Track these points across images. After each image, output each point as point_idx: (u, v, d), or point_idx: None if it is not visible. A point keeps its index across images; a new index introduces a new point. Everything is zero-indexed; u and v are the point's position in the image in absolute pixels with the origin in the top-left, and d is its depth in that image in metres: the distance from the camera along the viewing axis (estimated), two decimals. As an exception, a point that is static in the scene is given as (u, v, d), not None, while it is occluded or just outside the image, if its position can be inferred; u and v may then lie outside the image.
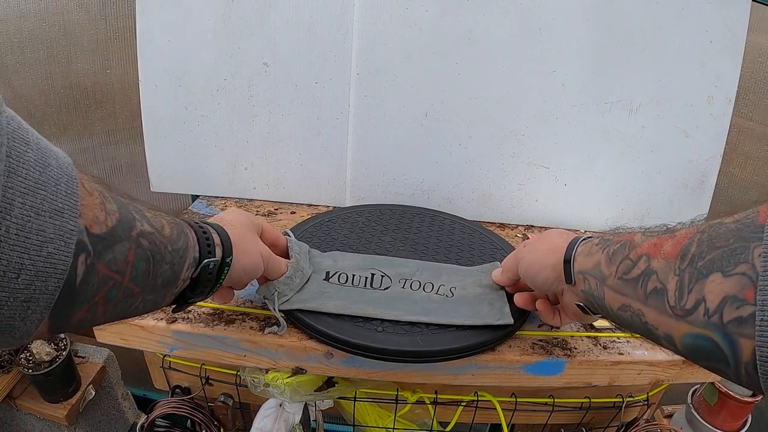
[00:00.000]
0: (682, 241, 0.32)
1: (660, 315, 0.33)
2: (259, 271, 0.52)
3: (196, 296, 0.46)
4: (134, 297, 0.36)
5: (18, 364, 0.99)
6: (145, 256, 0.35)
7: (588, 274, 0.44)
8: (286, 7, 0.79)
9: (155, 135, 0.88)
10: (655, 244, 0.35)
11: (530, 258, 0.54)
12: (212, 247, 0.44)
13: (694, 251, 0.30)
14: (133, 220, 0.34)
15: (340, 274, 0.64)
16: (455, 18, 0.78)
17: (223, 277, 0.46)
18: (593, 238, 0.47)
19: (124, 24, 0.98)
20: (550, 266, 0.50)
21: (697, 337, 0.29)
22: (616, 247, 0.40)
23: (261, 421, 0.67)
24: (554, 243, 0.51)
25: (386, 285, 0.63)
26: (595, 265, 0.43)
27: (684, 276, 0.30)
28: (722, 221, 0.30)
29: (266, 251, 0.54)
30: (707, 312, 0.28)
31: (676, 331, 0.31)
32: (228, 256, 0.46)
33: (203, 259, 0.43)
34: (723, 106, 0.81)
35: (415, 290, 0.63)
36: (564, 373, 0.60)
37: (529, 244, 0.57)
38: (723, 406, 0.85)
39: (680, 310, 0.30)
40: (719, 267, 0.28)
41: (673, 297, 0.31)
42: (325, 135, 0.86)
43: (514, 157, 0.86)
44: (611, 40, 0.79)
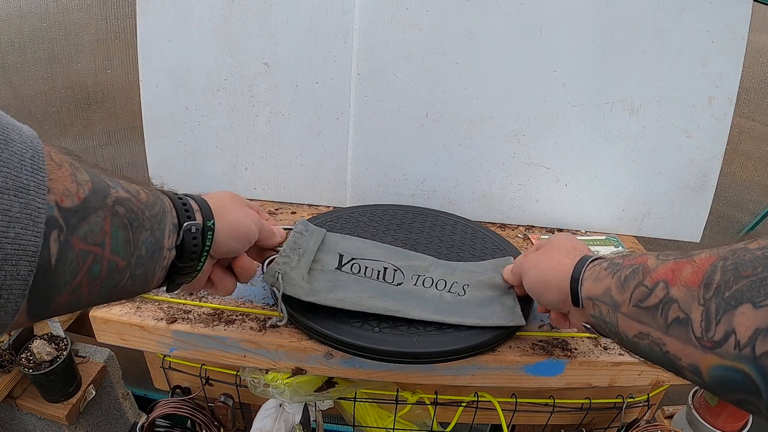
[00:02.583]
0: (703, 268, 0.31)
1: (685, 346, 0.31)
2: (249, 234, 0.50)
3: (187, 269, 0.44)
4: (120, 272, 0.34)
5: (19, 363, 1.00)
6: (122, 224, 0.33)
7: (598, 300, 0.43)
8: (286, 7, 0.79)
9: (156, 135, 0.88)
10: (673, 270, 0.34)
11: (534, 275, 0.52)
12: (191, 211, 0.43)
13: (719, 280, 0.29)
14: (108, 188, 0.33)
15: (353, 263, 0.63)
16: (456, 18, 0.78)
17: (209, 244, 0.44)
18: (601, 261, 0.45)
19: (124, 24, 0.98)
20: (555, 287, 0.49)
21: (727, 369, 0.28)
22: (628, 273, 0.39)
23: (261, 421, 0.67)
24: (558, 261, 0.49)
25: (399, 280, 0.63)
26: (605, 291, 0.41)
27: (710, 306, 0.29)
28: (747, 247, 0.29)
29: (254, 215, 0.51)
30: (738, 344, 0.27)
31: (703, 363, 0.30)
32: (209, 220, 0.44)
33: (183, 223, 0.41)
34: (724, 106, 0.81)
35: (428, 287, 0.62)
36: (564, 374, 0.60)
37: (532, 257, 0.55)
38: (724, 407, 0.85)
39: (708, 342, 0.29)
40: (749, 298, 0.27)
41: (699, 328, 0.30)
42: (325, 135, 0.86)
43: (515, 157, 0.86)
44: (612, 40, 0.79)
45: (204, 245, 0.44)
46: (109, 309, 0.61)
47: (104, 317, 0.61)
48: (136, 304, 0.62)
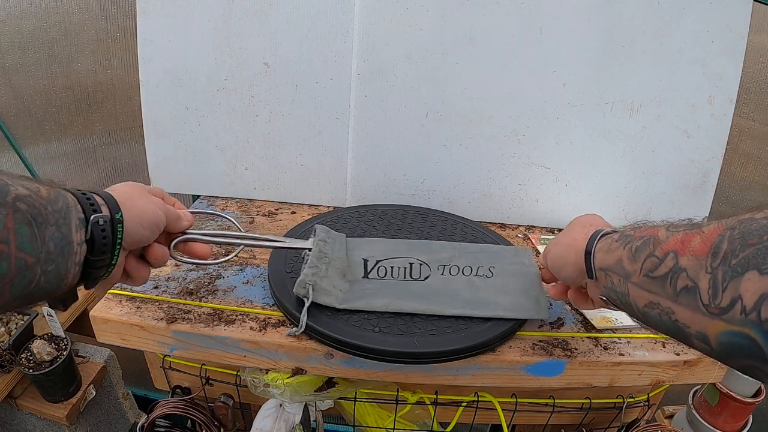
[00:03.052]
0: (711, 238, 0.32)
1: (693, 313, 0.32)
2: (158, 221, 0.50)
3: (100, 263, 0.44)
4: (31, 269, 0.35)
5: (19, 363, 0.99)
6: (25, 220, 0.34)
7: (610, 271, 0.44)
8: (286, 7, 0.79)
9: (156, 135, 0.88)
10: (683, 241, 0.34)
11: (554, 252, 0.54)
12: (96, 205, 0.43)
13: (726, 248, 0.30)
14: (6, 186, 0.34)
15: (378, 267, 0.64)
16: (456, 18, 0.78)
17: (120, 236, 0.44)
18: (613, 233, 0.47)
19: (124, 24, 0.98)
20: (571, 262, 0.50)
21: (734, 335, 0.29)
22: (639, 243, 0.40)
23: (261, 421, 0.67)
24: (574, 237, 0.51)
25: (425, 274, 0.63)
26: (616, 262, 0.42)
27: (717, 274, 0.30)
28: (753, 216, 0.30)
29: (159, 202, 0.52)
30: (744, 310, 0.28)
31: (711, 329, 0.31)
32: (116, 212, 0.44)
33: (90, 217, 0.41)
34: (724, 106, 0.81)
35: (455, 275, 0.63)
36: (564, 374, 0.60)
37: (556, 237, 0.57)
38: (724, 407, 0.85)
39: (715, 308, 0.30)
40: (755, 264, 0.28)
41: (707, 295, 0.31)
42: (325, 135, 0.86)
43: (515, 157, 0.86)
44: (612, 40, 0.79)
45: (115, 237, 0.44)
46: (110, 309, 0.61)
47: (104, 317, 0.61)
48: (137, 304, 0.62)
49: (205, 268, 0.70)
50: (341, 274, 0.62)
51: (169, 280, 0.67)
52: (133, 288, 0.65)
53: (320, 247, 0.62)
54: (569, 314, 0.66)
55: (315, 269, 0.59)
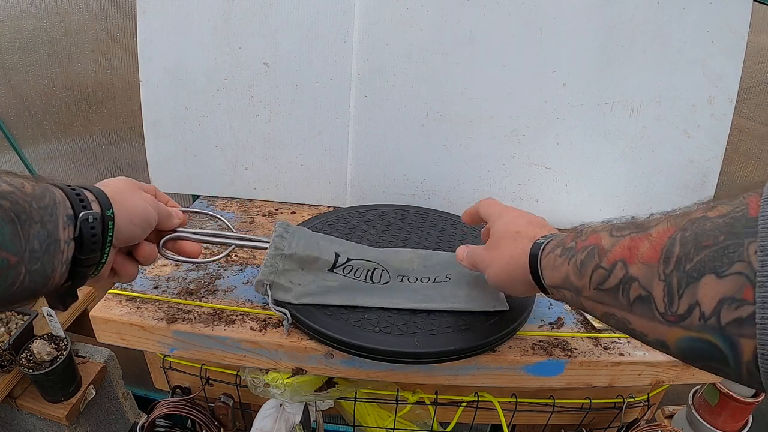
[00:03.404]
0: (661, 242, 0.30)
1: (649, 322, 0.31)
2: (150, 219, 0.49)
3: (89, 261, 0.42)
4: (15, 269, 0.34)
5: (19, 363, 1.00)
6: (8, 218, 0.33)
7: (560, 288, 0.42)
8: (286, 7, 0.79)
9: (156, 135, 0.88)
10: (629, 248, 0.33)
11: (496, 274, 0.51)
12: (86, 201, 0.41)
13: (679, 252, 0.29)
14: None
15: (345, 265, 0.65)
16: (456, 18, 0.78)
17: (110, 234, 0.43)
18: (554, 247, 0.44)
19: (124, 24, 0.98)
20: (521, 281, 0.48)
21: (693, 340, 0.28)
22: (583, 256, 0.38)
23: (261, 421, 0.67)
24: (510, 254, 0.49)
25: (385, 280, 0.64)
26: (564, 279, 0.41)
27: (671, 281, 0.29)
28: (706, 215, 0.29)
29: (151, 199, 0.51)
30: (703, 316, 0.27)
31: (669, 337, 0.30)
32: (108, 209, 0.43)
33: (78, 214, 0.40)
34: (724, 106, 0.81)
35: (413, 283, 0.64)
36: (564, 374, 0.60)
37: (486, 255, 0.53)
38: (724, 407, 0.85)
39: (672, 316, 0.29)
40: (712, 268, 0.26)
41: (662, 303, 0.30)
42: (325, 135, 0.86)
43: (515, 157, 0.86)
44: (612, 40, 0.79)
45: (106, 235, 0.43)
46: (110, 309, 0.61)
47: (104, 317, 0.61)
48: (137, 304, 0.62)
49: (205, 267, 0.70)
50: (300, 268, 0.62)
51: (169, 280, 0.67)
52: (133, 288, 0.65)
53: (276, 243, 0.62)
54: (569, 314, 0.66)
55: (271, 267, 0.60)
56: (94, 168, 1.13)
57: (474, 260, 0.56)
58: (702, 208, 0.30)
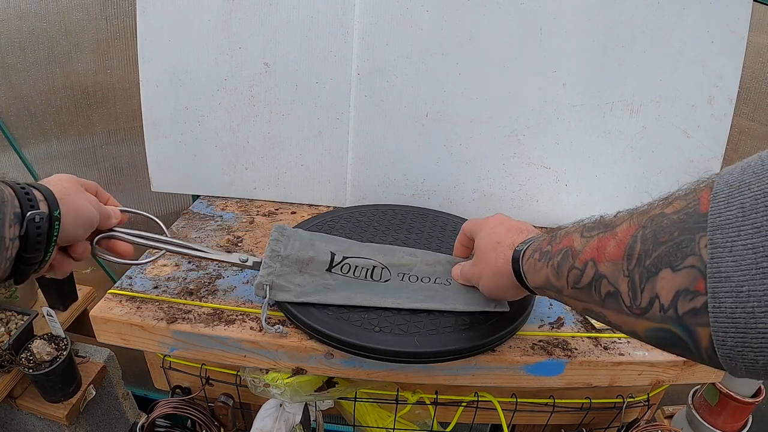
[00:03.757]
0: (624, 240, 0.33)
1: (620, 315, 0.33)
2: (93, 220, 0.50)
3: (33, 259, 0.43)
4: None
5: (19, 363, 1.00)
6: None
7: (543, 289, 0.45)
8: (286, 6, 0.79)
9: (156, 135, 0.88)
10: (597, 248, 0.35)
11: (487, 284, 0.56)
12: (35, 201, 0.42)
13: (640, 249, 0.31)
14: None
15: (344, 263, 0.65)
16: (456, 18, 0.78)
17: (56, 234, 0.44)
18: (533, 252, 0.47)
19: (124, 24, 0.98)
20: (510, 288, 0.52)
21: (658, 330, 0.30)
22: (559, 259, 0.41)
23: (261, 421, 0.67)
24: (495, 265, 0.52)
25: (386, 278, 0.64)
26: (545, 281, 0.44)
27: (634, 276, 0.31)
28: (663, 212, 0.31)
29: (93, 200, 0.52)
30: (662, 308, 0.29)
31: (638, 328, 0.32)
32: (55, 209, 0.44)
33: (26, 213, 0.41)
34: (724, 106, 0.81)
35: (413, 282, 0.64)
36: (564, 374, 0.60)
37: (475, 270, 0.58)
38: (724, 407, 0.85)
39: (637, 309, 0.31)
40: (667, 263, 0.28)
41: (628, 298, 0.32)
42: (325, 135, 0.86)
43: (515, 157, 0.86)
44: (612, 40, 0.79)
45: (51, 234, 0.44)
46: (110, 309, 0.61)
47: (104, 317, 0.61)
48: (137, 304, 0.62)
49: (206, 268, 0.70)
50: (298, 270, 0.63)
51: (169, 280, 0.67)
52: (133, 288, 0.65)
53: (272, 246, 0.64)
54: (569, 314, 0.66)
55: (269, 269, 0.61)
56: (94, 168, 1.13)
57: (466, 277, 0.61)
58: (661, 203, 0.32)
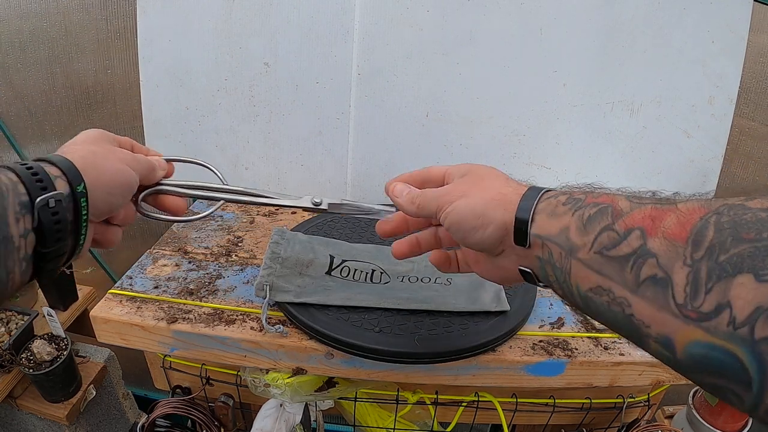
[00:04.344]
0: (692, 220, 0.26)
1: (657, 311, 0.26)
2: (131, 182, 0.41)
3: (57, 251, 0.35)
4: None
5: (19, 363, 0.99)
6: None
7: (550, 240, 0.35)
8: (287, 7, 0.79)
9: (156, 135, 0.88)
10: (652, 217, 0.28)
11: (464, 206, 0.40)
12: (46, 181, 0.34)
13: (713, 238, 0.24)
14: None
15: (342, 267, 0.65)
16: (456, 18, 0.78)
17: (84, 213, 0.36)
18: (557, 193, 0.37)
19: (125, 24, 0.98)
20: (495, 223, 0.38)
21: (711, 348, 0.23)
22: (593, 212, 0.32)
23: (261, 421, 0.66)
24: (498, 191, 0.40)
25: (385, 281, 0.65)
26: (561, 230, 0.34)
27: (699, 268, 0.24)
28: (744, 204, 0.25)
29: (129, 156, 0.43)
30: (732, 321, 0.22)
31: (680, 335, 0.25)
32: (78, 184, 0.36)
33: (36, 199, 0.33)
34: (724, 106, 0.81)
35: (413, 282, 0.64)
36: (565, 374, 0.60)
37: (458, 185, 0.43)
38: (724, 407, 0.85)
39: (692, 312, 0.24)
40: (751, 267, 0.22)
41: (682, 293, 0.25)
42: (326, 135, 0.86)
43: (515, 157, 0.86)
44: (613, 40, 0.79)
45: (80, 215, 0.36)
46: (110, 309, 0.61)
47: (104, 317, 0.60)
48: (137, 304, 0.62)
49: (206, 268, 0.70)
50: (297, 272, 0.63)
51: (169, 280, 0.67)
52: (133, 288, 0.65)
53: (272, 248, 0.65)
54: (569, 314, 0.66)
55: (269, 269, 0.62)
56: (94, 168, 1.13)
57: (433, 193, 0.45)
58: (740, 197, 0.25)
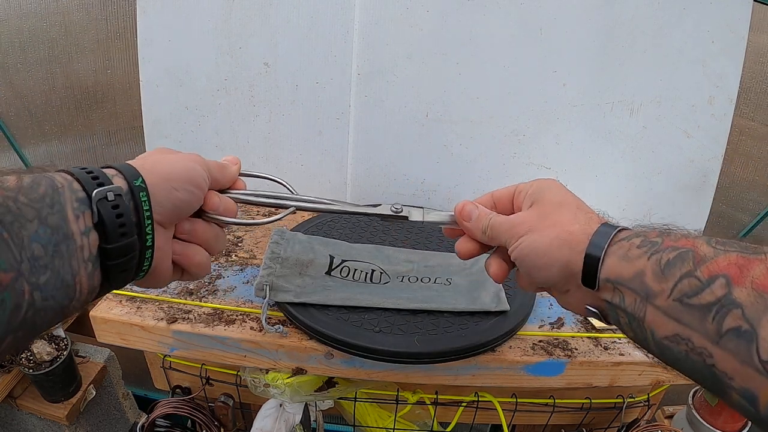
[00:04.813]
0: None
1: (740, 365, 0.25)
2: (195, 175, 0.39)
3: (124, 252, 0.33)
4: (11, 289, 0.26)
5: (19, 363, 0.99)
6: None
7: (623, 285, 0.33)
8: (286, 7, 0.79)
9: (156, 135, 0.88)
10: (739, 265, 0.26)
11: (532, 244, 0.39)
12: (102, 177, 0.33)
13: None
14: None
15: (343, 266, 0.65)
16: (456, 18, 0.78)
17: (147, 208, 0.35)
18: (630, 235, 0.35)
19: (125, 24, 0.98)
20: (560, 263, 0.37)
21: None
22: (672, 256, 0.30)
23: (261, 421, 0.66)
24: (565, 228, 0.38)
25: (385, 281, 0.65)
26: (635, 275, 0.32)
27: None
28: None
29: (194, 155, 0.41)
30: None
31: (764, 392, 0.24)
32: (135, 179, 0.34)
33: (92, 193, 0.32)
34: (724, 106, 0.81)
35: (413, 283, 0.64)
36: (565, 374, 0.60)
37: (527, 217, 0.41)
38: (724, 407, 0.84)
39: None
40: None
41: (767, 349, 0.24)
42: (325, 135, 0.86)
43: (515, 157, 0.86)
44: (612, 40, 0.79)
45: (141, 211, 0.34)
46: (110, 309, 0.61)
47: (104, 317, 0.61)
48: (137, 304, 0.62)
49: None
50: (297, 272, 0.63)
51: (169, 280, 0.67)
52: (133, 288, 0.65)
53: (272, 248, 0.66)
54: (569, 314, 0.66)
55: (269, 269, 0.62)
56: (95, 168, 1.13)
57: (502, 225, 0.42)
58: None
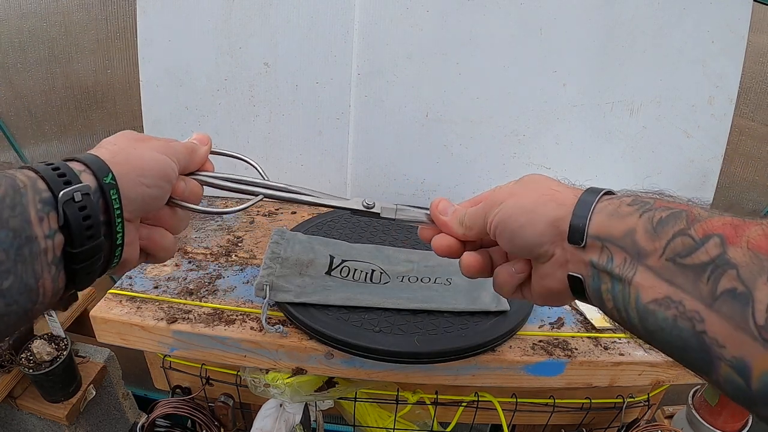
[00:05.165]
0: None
1: (734, 331, 0.23)
2: (167, 168, 0.37)
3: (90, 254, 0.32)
4: None
5: (19, 363, 0.99)
6: None
7: (612, 243, 0.31)
8: (286, 7, 0.79)
9: (156, 135, 0.87)
10: (734, 225, 0.25)
11: (514, 206, 0.37)
12: (70, 175, 0.31)
13: None
14: None
15: (342, 267, 0.65)
16: (456, 18, 0.78)
17: (117, 206, 0.33)
18: (622, 196, 0.33)
19: (125, 24, 0.98)
20: (547, 220, 0.34)
21: None
22: (665, 215, 0.28)
23: (261, 421, 0.66)
24: (551, 188, 0.37)
25: (385, 281, 0.65)
26: (626, 233, 0.30)
27: None
28: None
29: (161, 143, 0.39)
30: None
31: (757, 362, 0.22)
32: (104, 176, 0.33)
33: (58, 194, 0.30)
34: (724, 106, 0.81)
35: (413, 283, 0.65)
36: (565, 374, 0.60)
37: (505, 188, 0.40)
38: (724, 407, 0.84)
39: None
40: None
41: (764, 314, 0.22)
42: (325, 135, 0.86)
43: (515, 157, 0.86)
44: (612, 40, 0.79)
45: (112, 210, 0.33)
46: (110, 309, 0.61)
47: (104, 317, 0.60)
48: (137, 304, 0.62)
49: (206, 268, 0.70)
50: (297, 272, 0.64)
51: (169, 280, 0.67)
52: (133, 288, 0.65)
53: (272, 248, 0.66)
54: (569, 314, 0.66)
55: (269, 269, 0.62)
56: (94, 168, 1.13)
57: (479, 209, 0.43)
58: None
